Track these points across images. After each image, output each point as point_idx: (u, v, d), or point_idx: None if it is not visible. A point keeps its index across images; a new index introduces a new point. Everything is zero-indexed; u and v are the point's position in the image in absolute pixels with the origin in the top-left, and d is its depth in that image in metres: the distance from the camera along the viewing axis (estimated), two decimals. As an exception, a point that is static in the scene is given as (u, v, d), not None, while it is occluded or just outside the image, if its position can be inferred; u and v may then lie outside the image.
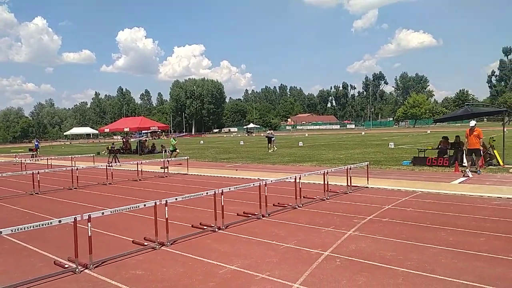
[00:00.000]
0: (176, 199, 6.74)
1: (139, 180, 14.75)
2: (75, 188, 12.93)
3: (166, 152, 23.13)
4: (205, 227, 7.01)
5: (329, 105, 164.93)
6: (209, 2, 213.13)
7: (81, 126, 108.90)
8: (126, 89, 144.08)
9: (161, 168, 16.81)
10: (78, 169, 13.95)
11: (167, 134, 79.13)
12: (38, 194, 12.00)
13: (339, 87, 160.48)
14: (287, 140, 47.09)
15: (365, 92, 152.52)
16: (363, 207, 8.49)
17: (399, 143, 31.10)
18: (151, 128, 36.40)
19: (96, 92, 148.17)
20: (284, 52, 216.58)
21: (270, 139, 28.06)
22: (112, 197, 11.20)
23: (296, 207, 8.66)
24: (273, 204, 8.66)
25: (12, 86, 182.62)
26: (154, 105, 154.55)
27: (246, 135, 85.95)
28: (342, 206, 8.73)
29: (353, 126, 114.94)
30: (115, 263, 5.39)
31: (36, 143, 37.17)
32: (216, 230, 6.88)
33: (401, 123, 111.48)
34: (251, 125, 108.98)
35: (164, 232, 6.07)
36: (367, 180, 11.35)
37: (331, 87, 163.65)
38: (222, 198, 7.06)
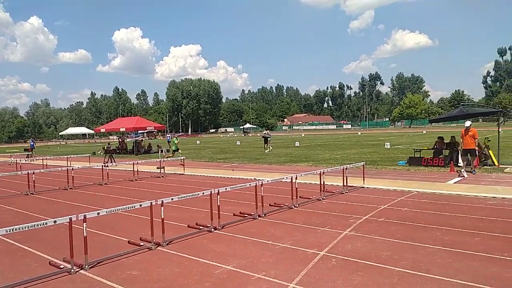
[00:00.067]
0: (172, 199, 6.73)
1: (135, 180, 14.72)
2: (71, 188, 12.88)
3: (163, 152, 23.09)
4: (201, 227, 7.00)
5: (325, 105, 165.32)
6: (205, 2, 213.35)
7: (77, 126, 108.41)
8: (122, 89, 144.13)
9: (157, 168, 16.77)
10: (73, 169, 13.88)
11: (163, 134, 78.91)
12: (33, 194, 11.94)
13: (336, 88, 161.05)
14: (283, 140, 47.15)
15: (361, 93, 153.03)
16: (359, 207, 8.52)
17: (395, 143, 31.21)
18: (147, 128, 36.34)
19: (92, 92, 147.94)
20: (281, 52, 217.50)
21: (266, 139, 28.11)
22: (107, 197, 11.16)
23: (292, 207, 8.67)
24: (269, 204, 8.66)
25: (7, 86, 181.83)
26: (151, 105, 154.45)
27: (243, 135, 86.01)
28: (338, 206, 8.75)
29: (349, 126, 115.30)
30: (111, 263, 5.37)
31: (32, 143, 36.97)
32: (212, 230, 6.88)
33: (397, 123, 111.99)
34: (248, 125, 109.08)
35: (160, 232, 6.05)
36: (363, 180, 11.38)
37: (328, 87, 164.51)
38: (218, 198, 7.06)
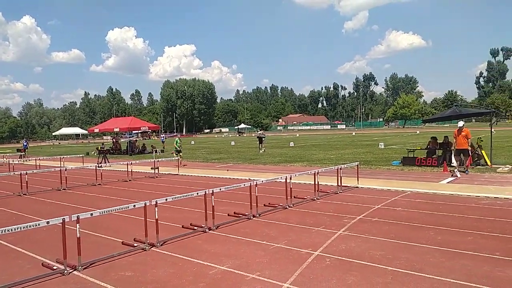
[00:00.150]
0: (166, 199, 6.72)
1: (129, 180, 14.65)
2: (64, 189, 12.79)
3: (157, 153, 23.01)
4: (195, 227, 6.99)
5: (320, 105, 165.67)
6: (200, 2, 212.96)
7: (70, 126, 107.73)
8: (116, 89, 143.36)
9: (151, 168, 16.71)
10: (67, 169, 13.79)
11: (157, 134, 78.66)
12: (26, 195, 11.85)
13: (330, 88, 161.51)
14: (278, 140, 47.19)
15: (355, 93, 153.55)
16: (353, 207, 8.55)
17: (389, 143, 31.35)
18: (141, 128, 36.20)
19: (85, 92, 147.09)
20: (275, 53, 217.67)
21: (261, 139, 28.15)
22: (101, 198, 11.10)
23: (287, 207, 8.68)
24: (263, 204, 8.67)
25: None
26: (145, 105, 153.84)
27: (237, 135, 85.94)
28: (332, 206, 8.77)
29: (343, 127, 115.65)
30: (104, 264, 5.34)
31: (25, 143, 36.70)
32: (207, 230, 6.87)
33: (391, 124, 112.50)
34: (242, 125, 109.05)
35: (154, 233, 6.03)
36: (357, 180, 11.42)
37: (322, 87, 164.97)
38: (213, 198, 7.05)
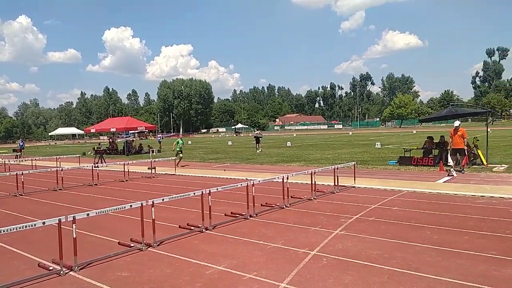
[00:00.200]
0: (163, 199, 6.70)
1: (126, 181, 14.62)
2: (60, 189, 12.74)
3: (154, 153, 22.94)
4: (192, 227, 6.98)
5: (317, 105, 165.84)
6: (197, 2, 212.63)
7: (66, 127, 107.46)
8: (112, 89, 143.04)
9: (148, 168, 16.67)
10: (63, 170, 13.74)
11: (154, 134, 78.50)
12: (22, 195, 11.79)
13: (327, 88, 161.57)
14: (275, 140, 47.21)
15: (352, 93, 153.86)
16: (350, 207, 8.56)
17: (385, 143, 31.44)
18: (138, 128, 36.12)
19: (82, 92, 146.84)
20: (272, 53, 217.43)
21: (258, 139, 28.14)
22: (98, 198, 11.06)
23: (284, 207, 8.69)
24: (260, 204, 8.67)
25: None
26: (141, 105, 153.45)
27: (234, 135, 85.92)
28: (329, 205, 8.78)
29: (340, 126, 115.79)
30: (101, 264, 5.33)
31: (21, 143, 36.56)
32: (204, 230, 6.86)
33: (387, 123, 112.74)
34: (239, 125, 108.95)
35: (151, 233, 6.02)
36: (354, 179, 11.44)
37: (319, 87, 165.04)
38: (210, 198, 7.04)
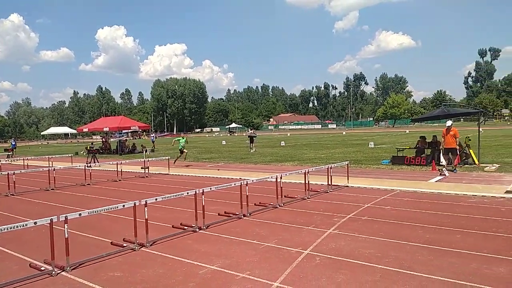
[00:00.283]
0: (156, 199, 6.67)
1: (119, 180, 14.54)
2: (52, 189, 12.64)
3: (147, 152, 22.84)
4: (185, 227, 6.96)
5: (310, 105, 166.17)
6: (191, 1, 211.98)
7: (59, 126, 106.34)
8: (105, 88, 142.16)
9: (141, 168, 16.60)
10: (55, 169, 13.63)
11: (148, 134, 78.15)
12: (13, 195, 11.68)
13: (321, 87, 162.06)
14: (269, 139, 47.23)
15: (346, 92, 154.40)
16: (343, 206, 8.59)
17: (378, 142, 31.59)
18: (131, 127, 35.91)
19: (74, 91, 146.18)
20: (267, 52, 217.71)
21: (252, 139, 28.16)
22: (90, 198, 10.99)
23: (277, 206, 8.70)
24: (254, 204, 8.67)
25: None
26: (135, 104, 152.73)
27: (228, 135, 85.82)
28: (322, 205, 8.81)
29: (334, 126, 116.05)
30: (93, 265, 5.30)
31: (13, 143, 36.23)
32: (197, 230, 6.85)
33: (381, 123, 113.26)
34: (234, 125, 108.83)
35: (144, 233, 6.00)
36: (347, 179, 11.48)
37: (313, 87, 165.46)
38: (203, 198, 7.03)
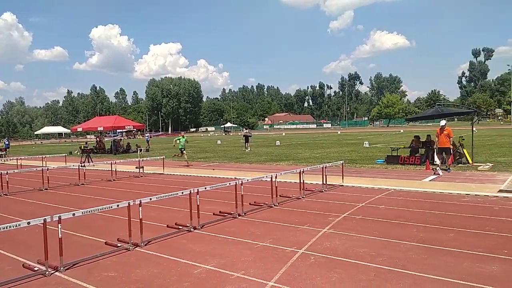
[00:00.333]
0: (151, 199, 6.64)
1: (113, 180, 14.48)
2: (46, 189, 12.56)
3: (142, 152, 22.76)
4: (180, 227, 6.95)
5: (306, 104, 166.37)
6: (186, 1, 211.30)
7: (52, 125, 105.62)
8: (100, 87, 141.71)
9: (136, 168, 16.54)
10: (49, 169, 13.54)
11: (142, 133, 77.86)
12: (6, 195, 11.60)
13: (316, 87, 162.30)
14: (264, 139, 47.26)
15: (341, 92, 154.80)
16: (338, 205, 8.62)
17: (373, 142, 31.71)
18: (126, 127, 35.78)
19: (68, 90, 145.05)
20: (262, 52, 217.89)
21: (247, 138, 28.16)
22: (84, 198, 10.94)
23: (272, 205, 8.71)
24: (249, 203, 8.67)
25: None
26: (130, 103, 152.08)
27: (224, 134, 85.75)
28: (317, 204, 8.83)
29: (329, 126, 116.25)
30: (87, 265, 5.27)
31: (6, 142, 35.97)
32: (192, 230, 6.84)
33: (375, 123, 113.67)
34: (229, 124, 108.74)
35: (138, 233, 5.98)
36: (342, 178, 11.51)
37: (308, 86, 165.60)
38: (198, 197, 7.02)
